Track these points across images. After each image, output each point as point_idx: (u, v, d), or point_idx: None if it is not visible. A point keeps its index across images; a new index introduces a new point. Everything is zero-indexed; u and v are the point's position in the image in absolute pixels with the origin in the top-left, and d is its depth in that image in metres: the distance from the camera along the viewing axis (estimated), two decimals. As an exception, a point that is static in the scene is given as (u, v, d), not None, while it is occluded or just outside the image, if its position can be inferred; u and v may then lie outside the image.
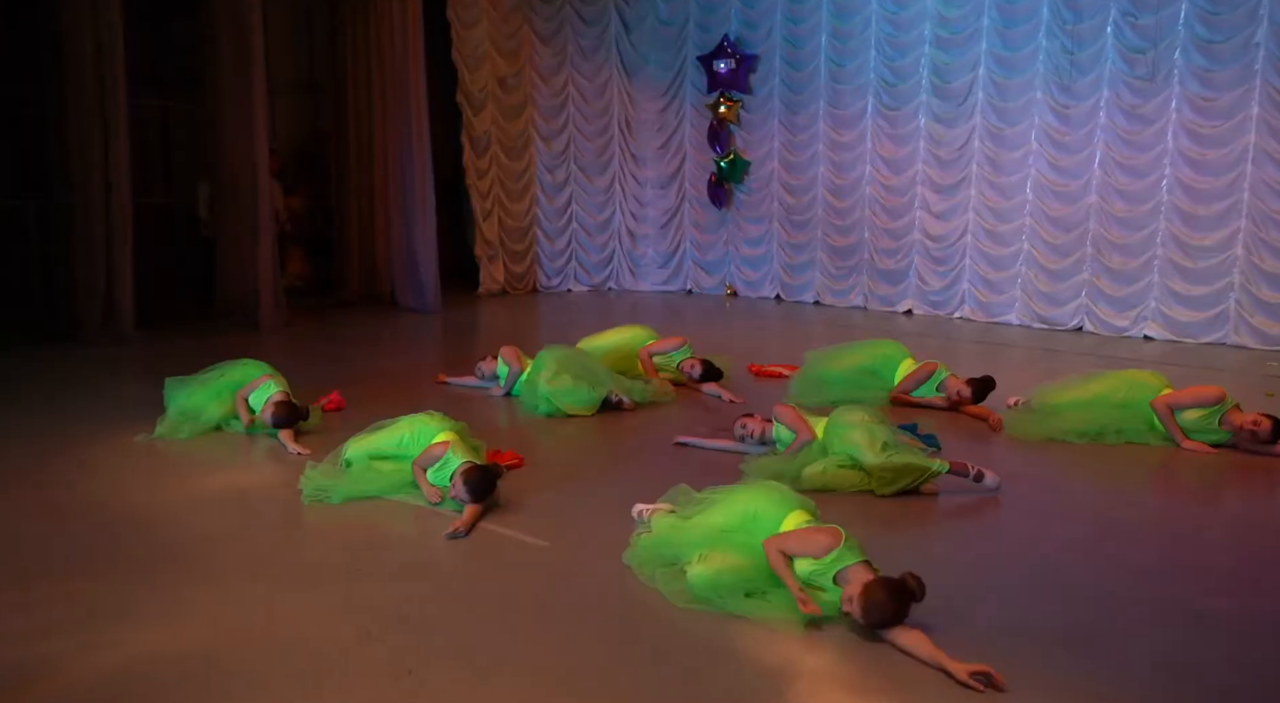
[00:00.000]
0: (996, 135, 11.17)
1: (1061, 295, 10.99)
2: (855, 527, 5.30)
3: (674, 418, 7.40)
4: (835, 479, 5.71)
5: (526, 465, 6.21)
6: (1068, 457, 6.54)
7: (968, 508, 5.63)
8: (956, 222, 11.55)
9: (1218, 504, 5.94)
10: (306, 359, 9.67)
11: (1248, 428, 6.41)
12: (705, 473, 5.94)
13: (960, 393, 7.45)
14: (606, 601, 4.37)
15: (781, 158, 12.91)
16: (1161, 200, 10.32)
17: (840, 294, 12.60)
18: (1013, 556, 4.93)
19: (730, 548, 4.40)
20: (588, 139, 14.00)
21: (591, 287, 14.26)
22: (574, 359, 7.63)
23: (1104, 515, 5.50)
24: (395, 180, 12.03)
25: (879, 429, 5.79)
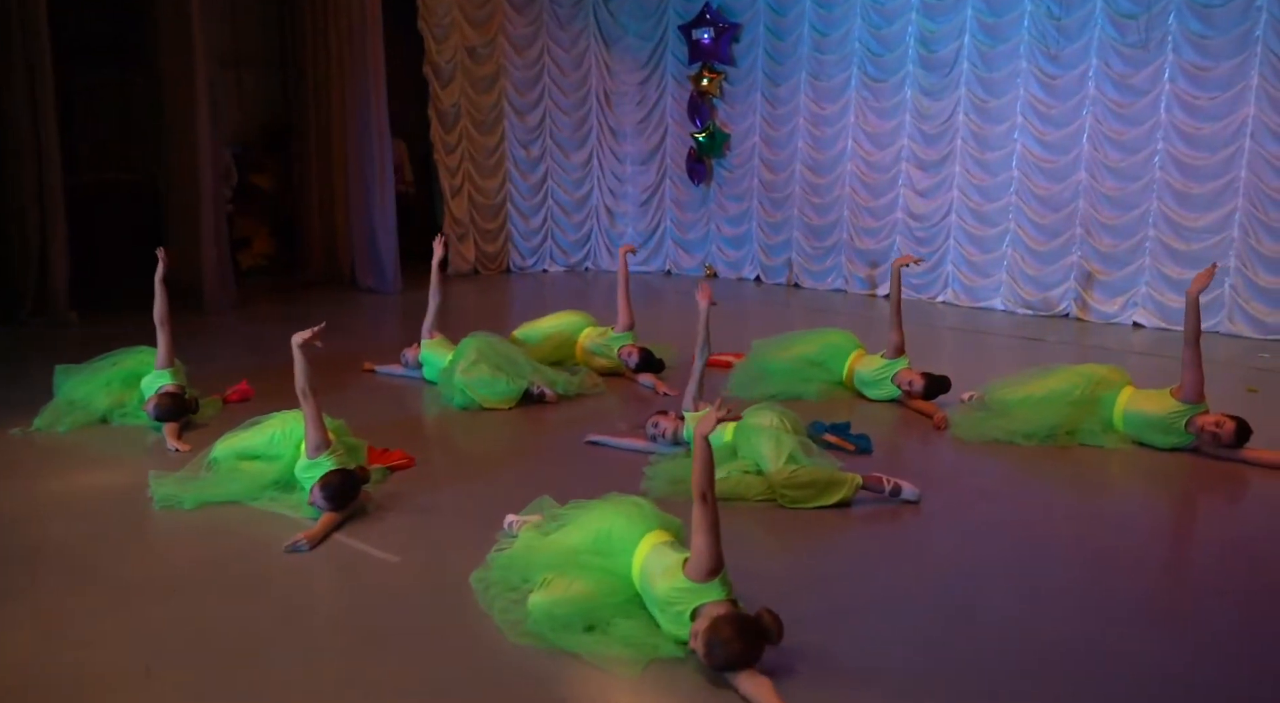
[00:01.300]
0: (981, 108, 10.51)
1: (1048, 279, 10.35)
2: (751, 539, 4.85)
3: (599, 412, 6.92)
4: (739, 486, 5.21)
5: (417, 466, 5.75)
6: (1010, 461, 5.98)
7: (881, 520, 5.10)
8: (940, 200, 10.91)
9: (1166, 521, 5.34)
10: (239, 343, 9.30)
11: (1209, 429, 5.82)
12: (610, 475, 5.49)
13: (912, 385, 6.90)
14: (434, 631, 3.90)
15: (763, 132, 12.30)
16: (1154, 178, 9.64)
17: (818, 277, 12.00)
18: (916, 583, 4.40)
19: (580, 572, 3.91)
20: (564, 113, 13.43)
21: (568, 267, 13.73)
22: (496, 348, 7.15)
23: (1035, 534, 4.94)
24: (354, 158, 11.55)
25: (786, 439, 5.27)
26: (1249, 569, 4.46)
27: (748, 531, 4.94)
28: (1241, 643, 3.83)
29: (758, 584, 4.26)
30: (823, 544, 4.80)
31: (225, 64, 13.05)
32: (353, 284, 11.96)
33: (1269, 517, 5.21)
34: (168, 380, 6.39)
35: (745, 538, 4.85)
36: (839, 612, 4.09)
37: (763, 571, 4.44)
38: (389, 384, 7.65)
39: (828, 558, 4.66)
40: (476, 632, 3.85)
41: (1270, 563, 4.52)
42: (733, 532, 4.87)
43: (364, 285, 11.82)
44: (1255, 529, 4.95)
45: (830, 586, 4.33)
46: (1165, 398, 6.01)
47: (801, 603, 4.17)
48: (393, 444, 6.04)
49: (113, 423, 6.40)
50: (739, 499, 5.18)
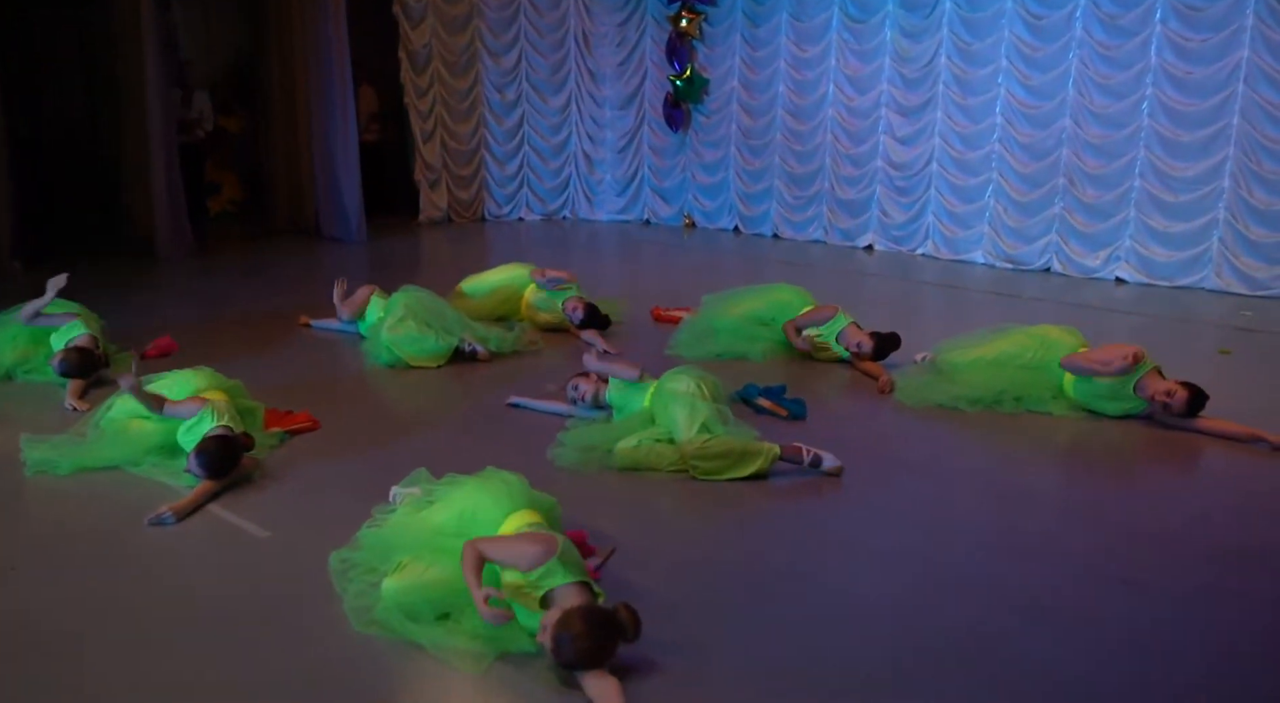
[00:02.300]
0: (965, 50, 10.01)
1: (1030, 231, 9.91)
2: (651, 513, 4.55)
3: (533, 371, 6.59)
4: (650, 456, 4.90)
5: (322, 429, 5.46)
6: (949, 430, 5.63)
7: (792, 495, 4.78)
8: (921, 147, 10.45)
9: (1095, 503, 4.91)
10: (184, 295, 9.03)
11: (1160, 399, 5.45)
12: (524, 441, 5.24)
13: (860, 346, 6.55)
14: (281, 617, 3.62)
15: (742, 76, 11.83)
16: (1141, 125, 9.16)
17: (799, 227, 11.59)
18: (811, 567, 4.08)
19: (438, 555, 3.62)
20: (541, 55, 12.97)
21: (545, 215, 13.35)
22: (426, 303, 6.83)
23: (952, 513, 4.59)
24: (317, 103, 11.16)
25: (701, 406, 4.94)
26: (1172, 563, 4.12)
27: (651, 504, 4.66)
28: (1150, 647, 3.51)
29: (644, 565, 4.00)
30: (724, 522, 4.49)
31: (192, 4, 12.72)
32: (317, 233, 11.64)
33: (1213, 498, 4.84)
34: (80, 332, 6.11)
35: (646, 512, 4.58)
36: (723, 599, 3.79)
37: (654, 550, 4.15)
38: (324, 339, 7.36)
39: (726, 537, 4.35)
40: (327, 618, 3.58)
41: (1196, 556, 4.16)
42: (635, 505, 4.64)
43: (328, 234, 11.50)
44: (1193, 515, 4.58)
45: (720, 569, 4.02)
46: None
47: (685, 587, 3.88)
48: (307, 404, 5.75)
49: (17, 379, 6.13)
50: (650, 470, 4.88)
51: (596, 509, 4.56)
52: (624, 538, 4.22)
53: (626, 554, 4.06)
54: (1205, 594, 3.84)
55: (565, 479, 4.84)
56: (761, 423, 5.56)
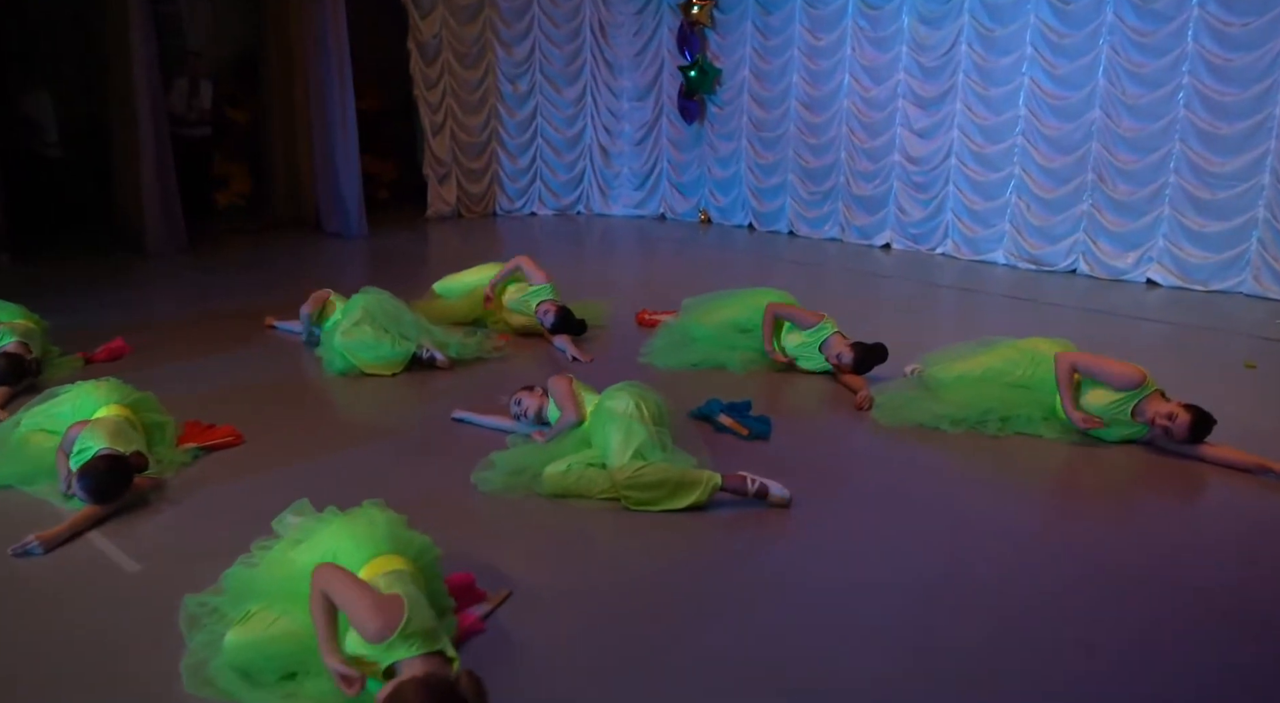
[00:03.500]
0: (986, 37, 9.40)
1: (1056, 230, 9.29)
2: (565, 548, 4.12)
3: (495, 380, 6.17)
4: (581, 483, 4.46)
5: (246, 444, 5.10)
6: (925, 454, 5.11)
7: (736, 527, 4.31)
8: (939, 141, 9.87)
9: (1075, 539, 4.39)
10: (163, 291, 8.79)
11: (1160, 422, 4.89)
12: (461, 461, 4.81)
13: (841, 357, 6.05)
14: (121, 668, 3.25)
15: (753, 66, 11.31)
16: (1177, 116, 8.50)
17: (814, 224, 11.05)
18: (743, 613, 3.63)
19: (293, 604, 3.22)
20: (556, 45, 12.55)
21: (558, 210, 12.96)
22: (384, 307, 6.45)
23: (902, 550, 4.11)
24: (317, 93, 10.85)
25: (639, 429, 4.48)
26: (1143, 616, 3.60)
27: (574, 537, 4.22)
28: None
29: (553, 607, 3.59)
30: (651, 557, 4.04)
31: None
32: (318, 227, 11.35)
33: (1204, 536, 4.28)
34: (7, 341, 5.83)
35: (566, 546, 4.15)
36: (632, 647, 3.36)
37: (566, 589, 3.73)
38: (287, 342, 7.02)
39: (650, 575, 3.90)
40: (165, 672, 3.20)
41: (1173, 607, 3.64)
42: (557, 538, 4.21)
43: (329, 229, 11.21)
44: (1178, 556, 4.05)
45: (636, 613, 3.59)
46: (1105, 386, 5.08)
47: (590, 633, 3.46)
48: (242, 413, 5.43)
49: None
50: (581, 497, 4.45)
51: (515, 541, 4.16)
52: (538, 576, 3.82)
53: (537, 595, 3.66)
54: (1171, 658, 3.32)
55: (487, 506, 4.44)
56: (721, 443, 5.12)
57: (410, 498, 4.48)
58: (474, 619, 3.40)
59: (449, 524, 4.25)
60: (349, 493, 4.45)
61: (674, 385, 6.04)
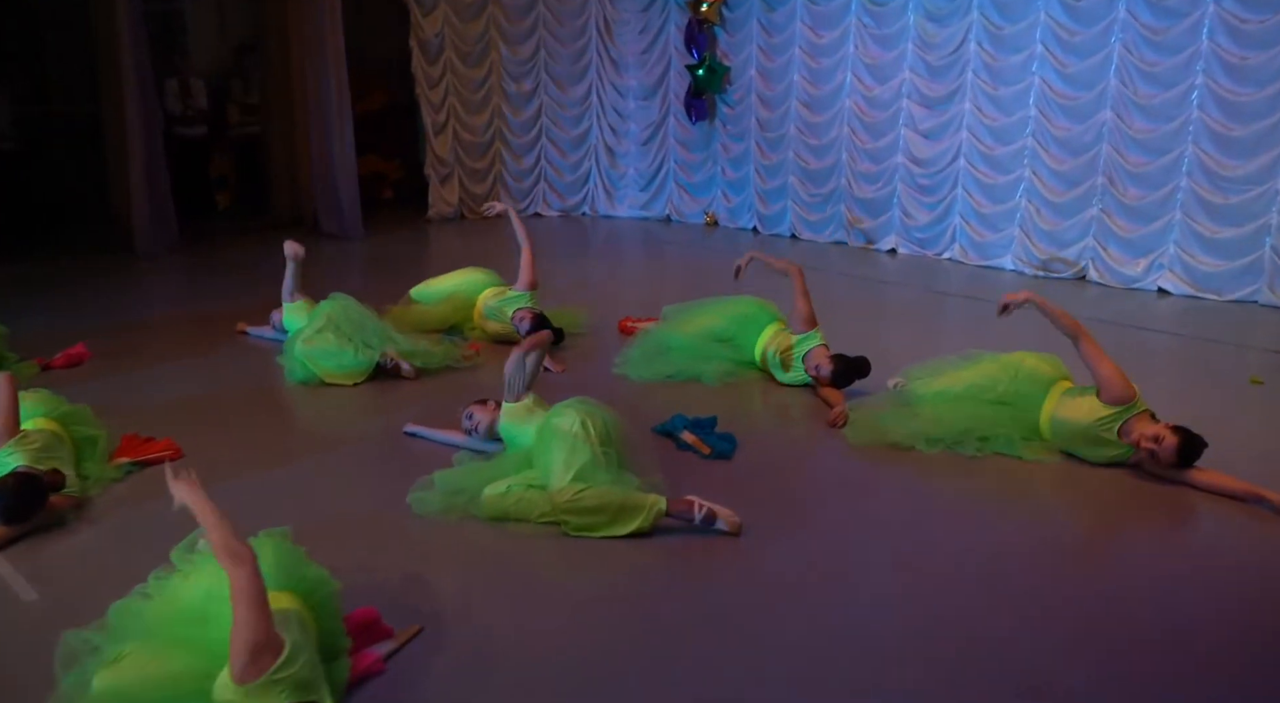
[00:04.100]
0: (996, 35, 9.06)
1: (1065, 235, 8.93)
2: (496, 577, 3.88)
3: (460, 390, 5.93)
4: (520, 505, 4.24)
5: (186, 458, 4.91)
6: (896, 475, 4.84)
7: (678, 555, 4.06)
8: (947, 142, 9.52)
9: (1039, 573, 4.06)
10: (144, 293, 8.68)
11: (1146, 445, 4.58)
12: (404, 480, 4.58)
13: (820, 369, 5.77)
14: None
15: (759, 64, 11.01)
16: (1190, 117, 8.12)
17: (816, 228, 10.74)
18: (671, 653, 3.39)
19: (172, 646, 3.01)
20: (561, 43, 12.32)
21: (563, 211, 12.73)
22: (349, 314, 6.25)
23: (844, 588, 3.84)
24: (313, 91, 10.69)
25: (582, 449, 4.24)
26: (1103, 664, 3.32)
27: (506, 564, 3.99)
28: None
29: (468, 646, 3.36)
30: (581, 594, 3.80)
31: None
32: (316, 229, 11.20)
33: (1183, 572, 3.97)
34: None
35: (498, 574, 3.92)
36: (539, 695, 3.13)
37: (476, 630, 3.50)
38: (256, 348, 6.85)
39: (572, 617, 3.65)
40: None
41: (1138, 655, 3.36)
42: (489, 564, 3.98)
43: (326, 230, 11.05)
44: (1151, 595, 3.76)
45: (553, 655, 3.36)
46: (1092, 401, 4.78)
47: (493, 677, 3.22)
48: (188, 425, 5.27)
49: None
50: (520, 520, 4.21)
51: (445, 567, 3.96)
52: (462, 608, 3.61)
53: (457, 629, 3.45)
54: None
55: (422, 529, 4.22)
56: (681, 462, 4.88)
57: (344, 518, 4.32)
58: (374, 659, 3.18)
59: (379, 548, 4.06)
60: (281, 512, 4.29)
61: (646, 398, 5.83)
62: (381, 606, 3.51)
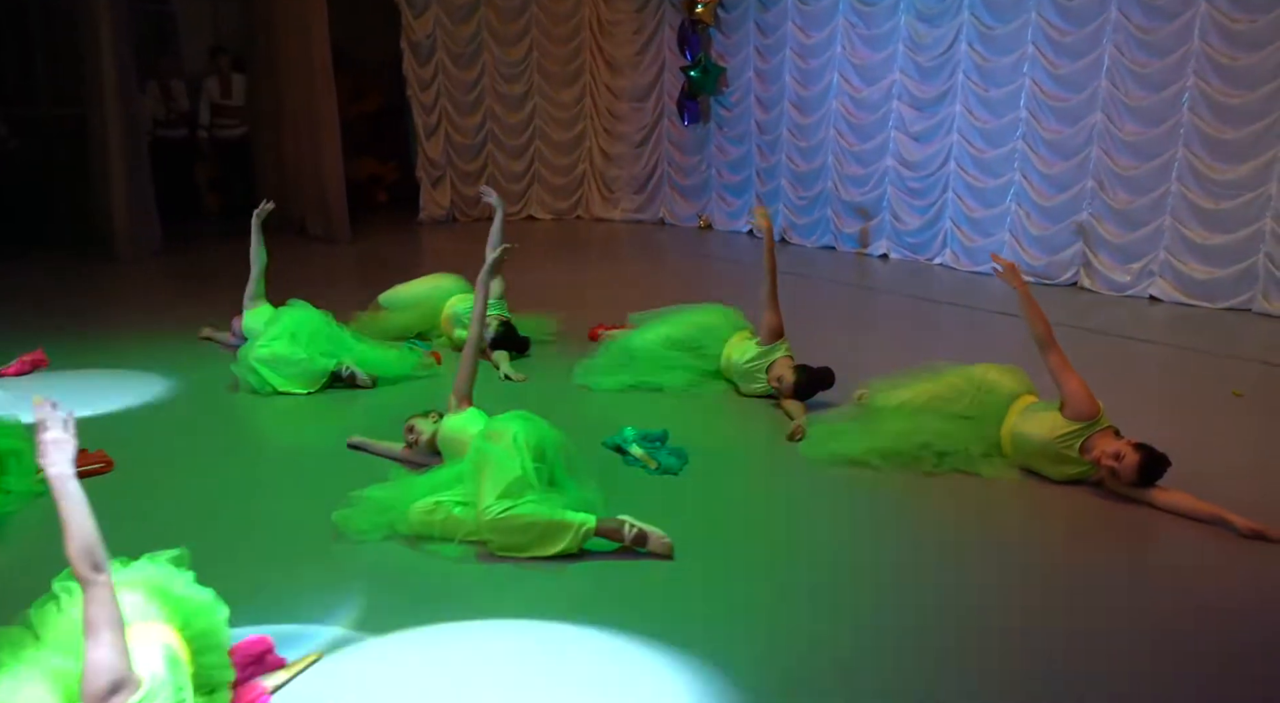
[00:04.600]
0: (987, 35, 8.88)
1: (1056, 240, 8.74)
2: (415, 593, 3.73)
3: (419, 400, 5.79)
4: (447, 524, 4.07)
5: (117, 470, 4.79)
6: (846, 493, 4.67)
7: (606, 582, 3.89)
8: (937, 145, 9.35)
9: (967, 599, 3.90)
10: (114, 298, 8.59)
11: (1106, 462, 4.39)
12: (342, 496, 4.41)
13: (781, 381, 5.61)
14: None
15: (755, 66, 10.88)
16: (1181, 120, 7.92)
17: (805, 231, 10.57)
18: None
19: (43, 679, 2.87)
20: (554, 44, 12.22)
21: (556, 214, 12.61)
22: (306, 322, 6.12)
23: (794, 626, 3.67)
24: (301, 94, 10.61)
25: (513, 465, 4.06)
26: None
27: (426, 587, 3.83)
28: None
29: (351, 682, 3.20)
30: (499, 619, 3.64)
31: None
32: (303, 231, 11.11)
33: (1140, 611, 3.77)
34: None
35: (416, 596, 3.75)
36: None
37: (380, 658, 3.36)
38: (217, 355, 6.73)
39: (486, 645, 3.50)
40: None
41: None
42: (408, 586, 3.83)
43: (313, 234, 10.97)
44: (1089, 628, 3.57)
45: (442, 685, 3.21)
46: (1055, 416, 4.59)
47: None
48: (128, 436, 5.16)
49: None
50: (446, 539, 4.06)
51: (361, 590, 3.78)
52: (372, 632, 3.44)
53: (362, 656, 3.29)
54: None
55: (346, 548, 4.07)
56: (624, 477, 4.73)
57: (264, 535, 4.19)
58: (258, 693, 3.04)
59: (295, 568, 3.92)
60: (201, 527, 4.20)
61: (605, 409, 5.69)
62: (284, 631, 3.38)
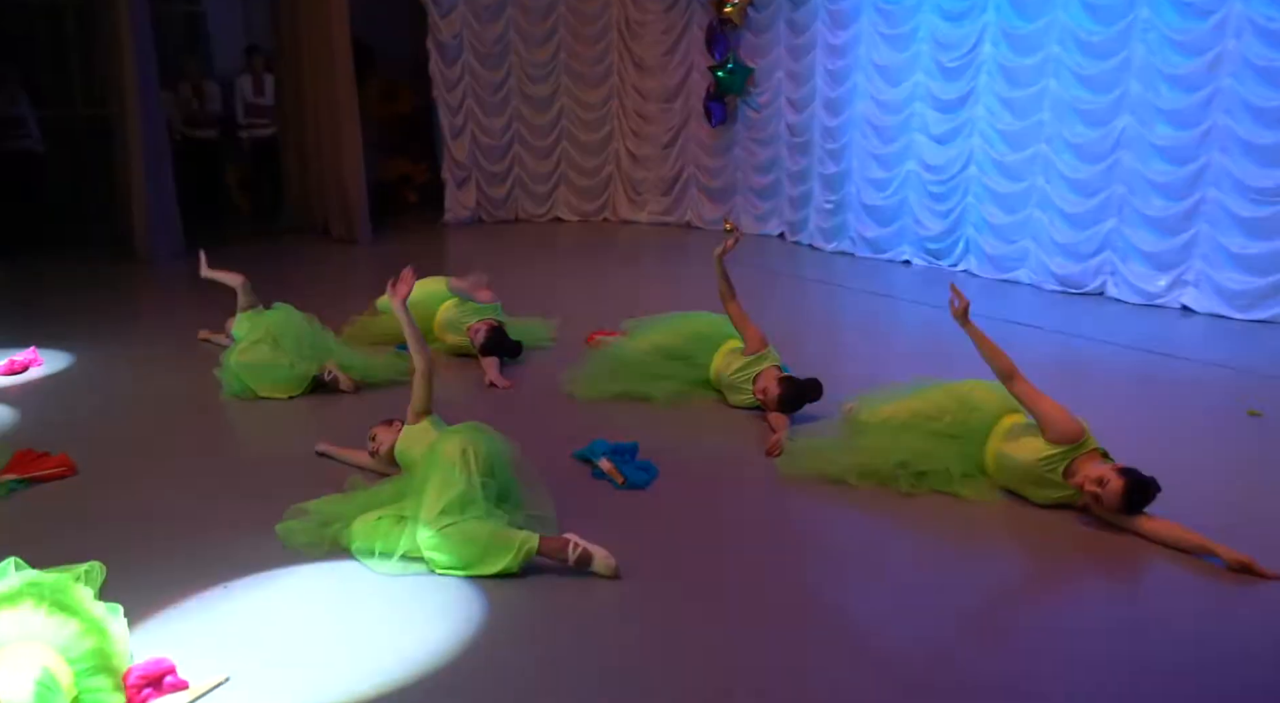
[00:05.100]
0: (1012, 34, 8.57)
1: (1082, 247, 8.40)
2: (349, 612, 3.59)
3: (398, 406, 5.67)
4: (389, 539, 3.93)
5: (80, 476, 4.74)
6: (817, 515, 4.46)
7: (547, 603, 3.73)
8: (959, 148, 9.06)
9: (969, 642, 3.71)
10: (126, 298, 8.66)
11: (1090, 488, 4.13)
12: (300, 502, 4.33)
13: (766, 393, 5.40)
14: None
15: (786, 67, 10.66)
16: (1215, 124, 7.56)
17: (830, 236, 10.33)
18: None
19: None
20: (582, 44, 12.09)
21: (582, 216, 12.48)
22: (289, 325, 6.06)
23: (743, 661, 3.49)
24: (323, 94, 10.61)
25: (457, 480, 3.94)
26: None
27: (362, 605, 3.71)
28: None
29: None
30: (428, 641, 3.50)
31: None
32: (326, 232, 11.11)
33: (1116, 654, 3.52)
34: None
35: (349, 615, 3.63)
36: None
37: (297, 683, 3.23)
38: (208, 358, 6.66)
39: (411, 670, 3.35)
40: None
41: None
42: (344, 603, 3.71)
43: (336, 235, 10.96)
44: (1075, 673, 3.33)
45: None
46: (1037, 439, 4.33)
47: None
48: (98, 439, 5.14)
49: None
50: (387, 554, 3.93)
51: (291, 608, 3.67)
52: (290, 657, 3.32)
53: (269, 686, 3.17)
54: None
55: (287, 562, 3.96)
56: (588, 492, 4.58)
57: (204, 546, 4.08)
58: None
59: (228, 582, 3.81)
60: (142, 538, 4.11)
61: (588, 418, 5.53)
62: (199, 651, 3.28)
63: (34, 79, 10.82)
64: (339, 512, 4.15)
